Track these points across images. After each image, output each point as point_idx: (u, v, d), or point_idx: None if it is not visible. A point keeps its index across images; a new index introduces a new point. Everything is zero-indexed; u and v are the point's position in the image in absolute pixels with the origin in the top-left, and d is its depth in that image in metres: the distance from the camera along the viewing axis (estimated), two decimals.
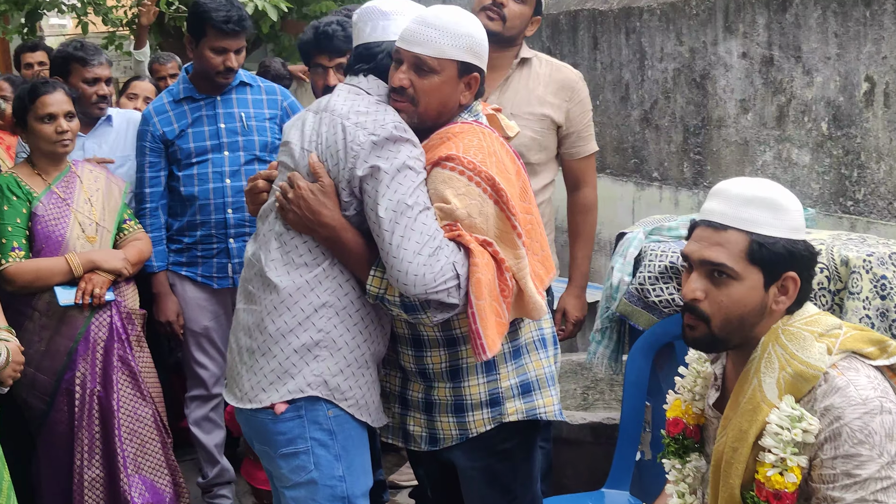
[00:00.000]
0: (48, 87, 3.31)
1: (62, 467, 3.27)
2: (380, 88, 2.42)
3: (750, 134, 4.04)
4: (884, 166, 3.44)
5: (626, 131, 4.85)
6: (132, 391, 3.31)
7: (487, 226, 2.28)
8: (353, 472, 2.42)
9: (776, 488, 1.87)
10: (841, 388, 1.85)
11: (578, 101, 3.35)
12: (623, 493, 3.08)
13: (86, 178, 3.39)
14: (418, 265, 2.20)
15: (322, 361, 2.36)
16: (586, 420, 3.56)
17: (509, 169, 2.36)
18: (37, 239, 3.24)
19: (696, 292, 1.95)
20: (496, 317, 2.28)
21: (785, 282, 1.93)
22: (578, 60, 5.12)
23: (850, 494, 1.82)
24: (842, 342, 1.91)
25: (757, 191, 1.93)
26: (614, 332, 3.30)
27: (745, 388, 1.96)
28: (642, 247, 3.15)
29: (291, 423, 2.38)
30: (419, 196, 2.26)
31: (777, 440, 1.87)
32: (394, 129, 2.28)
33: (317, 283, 2.37)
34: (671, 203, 4.56)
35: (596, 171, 3.51)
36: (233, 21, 3.46)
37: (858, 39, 3.49)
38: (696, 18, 4.29)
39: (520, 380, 2.46)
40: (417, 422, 2.50)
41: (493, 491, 2.51)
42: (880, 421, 1.82)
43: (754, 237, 1.91)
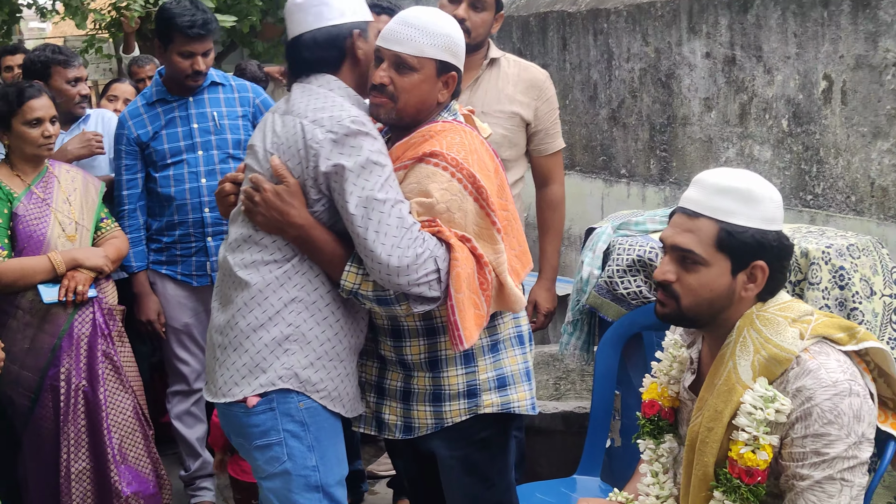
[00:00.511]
0: (34, 91, 3.28)
1: (48, 462, 3.25)
2: (330, 83, 2.40)
3: (714, 131, 4.08)
4: (842, 161, 3.48)
5: (594, 129, 4.87)
6: (116, 384, 3.31)
7: (466, 221, 2.29)
8: (327, 461, 2.41)
9: (748, 465, 1.90)
10: (812, 371, 1.89)
11: (546, 99, 3.37)
12: (594, 478, 3.09)
13: (63, 178, 3.38)
14: (399, 258, 2.20)
15: (292, 355, 2.36)
16: (558, 409, 3.58)
17: (489, 166, 2.37)
18: (19, 239, 3.21)
19: (667, 274, 2.00)
20: (475, 308, 2.29)
21: (753, 270, 1.95)
22: (548, 61, 5.13)
23: (818, 472, 1.85)
24: (813, 328, 1.95)
25: (732, 181, 1.96)
26: (585, 323, 3.32)
27: (721, 370, 1.99)
28: (611, 241, 3.17)
29: (264, 415, 2.38)
30: (389, 190, 2.25)
31: (750, 419, 1.90)
32: (351, 124, 2.26)
33: (286, 279, 2.37)
34: (639, 198, 4.59)
35: (563, 168, 3.53)
36: (197, 25, 3.44)
37: (817, 39, 3.53)
38: (661, 20, 4.32)
39: (496, 373, 2.47)
40: (393, 411, 2.50)
41: (471, 479, 2.52)
42: (849, 403, 1.85)
43: (723, 226, 1.94)
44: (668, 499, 2.19)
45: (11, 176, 3.29)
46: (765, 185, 1.98)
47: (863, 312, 2.72)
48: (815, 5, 3.52)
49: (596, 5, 4.78)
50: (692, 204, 2.00)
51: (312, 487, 2.40)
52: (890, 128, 3.29)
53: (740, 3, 3.85)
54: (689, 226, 1.98)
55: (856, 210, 3.44)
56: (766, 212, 1.95)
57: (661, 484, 2.20)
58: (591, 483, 3.07)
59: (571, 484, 3.10)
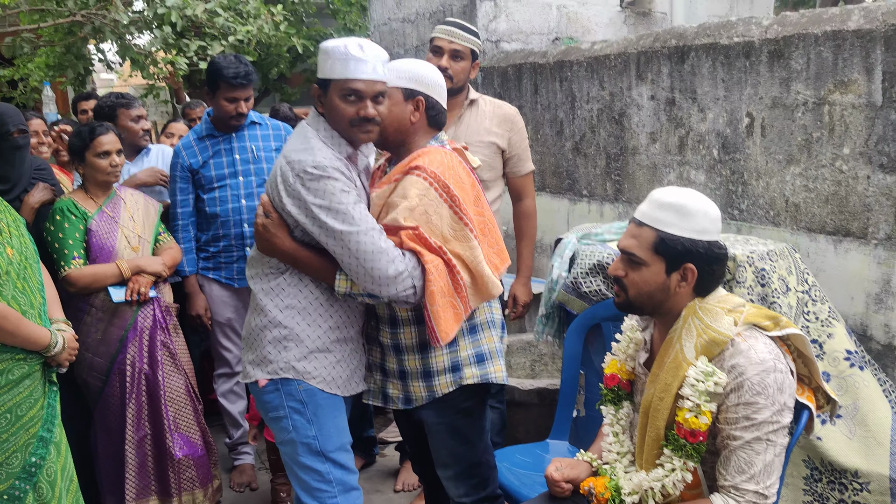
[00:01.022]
0: (103, 129, 3.28)
1: (115, 432, 3.24)
2: (318, 123, 2.37)
3: (658, 159, 4.08)
4: (762, 183, 3.48)
5: (561, 158, 4.87)
6: (171, 367, 3.30)
7: (441, 223, 2.29)
8: (325, 431, 2.43)
9: (692, 427, 1.92)
10: (744, 352, 1.90)
11: (517, 130, 3.39)
12: (563, 442, 3.09)
13: (128, 199, 3.37)
14: (380, 276, 2.22)
15: (289, 351, 2.39)
16: (534, 386, 3.57)
17: (464, 181, 2.38)
18: (92, 250, 3.21)
19: (617, 271, 2.05)
20: (453, 310, 2.32)
21: (685, 271, 1.97)
22: (523, 103, 5.13)
23: (748, 433, 1.87)
24: (745, 316, 1.96)
25: (673, 198, 1.97)
26: (555, 316, 3.31)
27: (670, 351, 2.00)
28: (576, 249, 3.17)
29: (272, 395, 2.42)
30: (358, 219, 2.23)
31: (693, 390, 1.91)
32: (313, 170, 2.23)
33: (280, 290, 2.39)
34: (598, 214, 4.59)
35: (534, 186, 3.54)
36: (241, 76, 3.46)
37: (741, 84, 3.53)
38: (614, 69, 4.32)
39: (475, 351, 2.47)
40: (395, 386, 2.50)
41: (455, 441, 2.52)
42: (773, 377, 1.87)
43: (660, 234, 1.96)
44: (626, 454, 2.19)
45: (86, 198, 3.29)
46: (702, 203, 1.98)
47: (780, 306, 2.72)
48: (738, 56, 3.52)
49: (561, 57, 4.78)
50: (640, 215, 2.02)
51: (314, 452, 2.42)
52: (800, 155, 3.29)
53: (678, 55, 3.86)
54: (635, 233, 2.02)
55: (773, 222, 3.44)
56: (698, 224, 1.96)
57: (620, 442, 2.21)
58: (560, 446, 3.07)
59: (545, 447, 3.09)
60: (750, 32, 3.49)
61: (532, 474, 2.83)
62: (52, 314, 2.81)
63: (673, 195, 1.98)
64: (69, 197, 3.31)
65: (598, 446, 2.32)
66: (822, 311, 2.79)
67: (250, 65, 3.57)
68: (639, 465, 2.10)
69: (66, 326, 2.82)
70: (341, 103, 2.29)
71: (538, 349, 4.21)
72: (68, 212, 3.21)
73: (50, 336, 2.65)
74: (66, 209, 3.21)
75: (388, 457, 4.13)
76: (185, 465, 3.28)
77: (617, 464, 2.17)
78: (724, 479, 1.91)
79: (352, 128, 2.31)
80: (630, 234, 2.03)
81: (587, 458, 2.27)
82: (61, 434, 2.75)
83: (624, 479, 2.09)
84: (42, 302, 2.73)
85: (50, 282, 2.90)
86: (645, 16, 5.96)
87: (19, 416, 2.57)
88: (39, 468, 2.61)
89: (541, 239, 5.04)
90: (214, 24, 6.51)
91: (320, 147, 2.30)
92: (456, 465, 2.54)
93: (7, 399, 2.54)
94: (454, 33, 3.22)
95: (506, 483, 2.72)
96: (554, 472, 2.19)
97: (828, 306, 2.81)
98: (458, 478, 2.55)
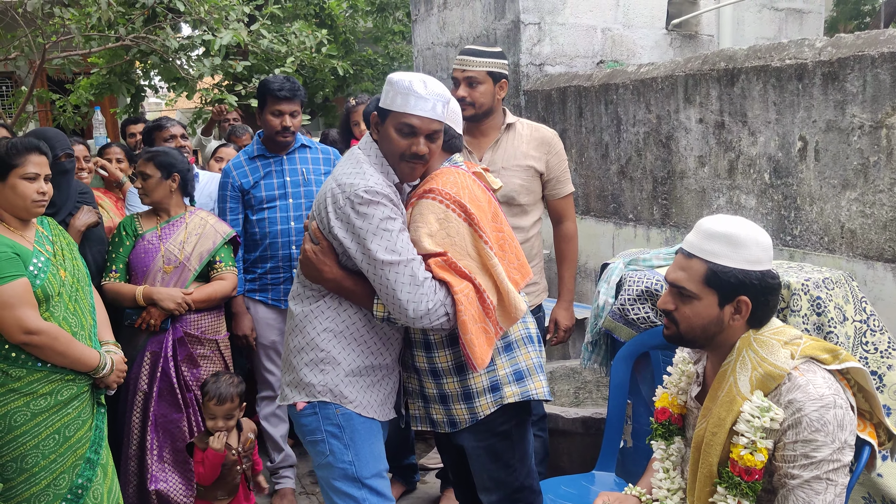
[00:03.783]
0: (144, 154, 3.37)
1: (117, 441, 3.28)
2: (370, 149, 2.39)
3: (706, 183, 4.02)
4: (815, 208, 3.41)
5: (606, 182, 4.83)
6: (168, 397, 3.29)
7: (464, 242, 2.30)
8: (361, 457, 2.41)
9: (747, 465, 1.86)
10: (801, 386, 1.84)
11: (555, 153, 3.35)
12: (610, 474, 3.02)
13: (192, 223, 3.41)
14: (414, 310, 2.22)
15: (326, 374, 2.38)
16: (578, 415, 3.52)
17: (480, 198, 2.39)
18: (131, 265, 3.32)
19: (667, 304, 1.99)
20: (485, 334, 2.31)
21: (738, 303, 1.91)
22: (567, 126, 5.12)
23: (807, 472, 1.80)
24: (802, 349, 1.90)
25: (722, 228, 1.92)
26: (602, 343, 3.26)
27: (723, 384, 1.95)
28: (622, 275, 3.12)
29: (310, 418, 2.42)
30: (400, 251, 2.22)
31: (749, 426, 1.85)
32: (364, 194, 2.24)
33: (319, 312, 2.39)
34: (644, 239, 4.53)
35: (578, 211, 3.50)
36: (286, 90, 3.54)
37: (793, 107, 3.47)
38: (661, 92, 4.28)
39: (513, 369, 2.46)
40: (437, 411, 2.49)
41: (496, 465, 2.49)
42: (833, 414, 1.80)
43: (711, 266, 1.91)
44: (677, 491, 2.13)
45: (151, 217, 3.41)
46: (752, 232, 1.93)
47: (837, 335, 2.64)
48: (791, 78, 3.46)
49: (607, 80, 4.75)
50: (688, 246, 1.97)
51: (350, 478, 2.41)
52: (856, 180, 3.21)
53: (728, 77, 3.81)
54: (684, 265, 1.96)
55: (828, 249, 3.36)
56: (749, 255, 1.90)
57: (671, 479, 2.15)
58: (607, 477, 3.01)
59: (590, 478, 3.03)
60: (803, 54, 3.43)
61: None
62: (102, 336, 2.86)
63: (722, 224, 1.93)
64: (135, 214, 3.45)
65: (648, 481, 2.27)
66: (881, 341, 2.70)
67: (298, 83, 3.62)
68: (690, 503, 2.04)
69: (115, 348, 2.86)
70: (396, 136, 2.31)
71: (582, 376, 4.15)
72: (123, 228, 3.35)
73: (99, 358, 2.69)
74: (123, 225, 3.37)
75: (428, 483, 4.09)
76: (162, 498, 3.22)
77: (668, 501, 2.11)
78: None
79: (401, 162, 2.34)
80: (679, 267, 1.97)
81: (636, 493, 2.21)
82: (108, 456, 2.78)
83: None
84: (92, 324, 2.78)
85: (101, 304, 2.95)
86: (691, 38, 5.92)
87: (67, 437, 2.60)
88: (86, 490, 2.64)
89: (585, 264, 4.99)
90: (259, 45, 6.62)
91: (372, 172, 2.31)
92: (498, 490, 2.51)
93: (55, 420, 2.58)
94: (465, 61, 3.21)
95: None
96: None
97: (887, 336, 2.72)
98: (500, 503, 2.51)
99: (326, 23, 10.45)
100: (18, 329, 2.46)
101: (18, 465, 2.51)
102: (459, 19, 6.19)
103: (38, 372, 2.55)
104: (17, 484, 2.51)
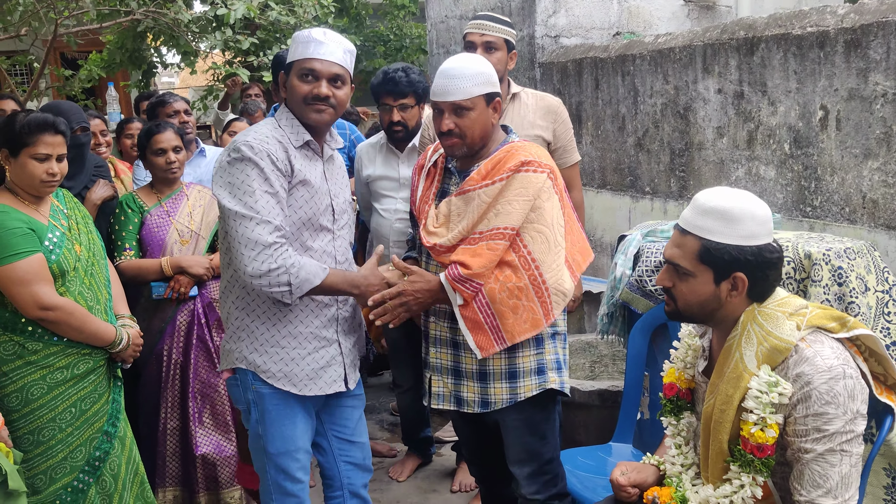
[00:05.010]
0: (160, 127, 3.34)
1: (150, 419, 3.29)
2: (281, 113, 2.41)
3: (725, 154, 3.97)
4: (836, 179, 3.36)
5: (622, 154, 4.79)
6: (205, 363, 3.31)
7: (554, 213, 2.34)
8: (269, 434, 2.42)
9: (758, 442, 1.83)
10: (809, 359, 1.80)
11: (561, 121, 3.32)
12: (627, 445, 3.03)
13: (193, 196, 3.41)
14: (253, 269, 2.24)
15: (242, 342, 2.40)
16: (595, 388, 3.51)
17: None
18: (143, 242, 3.30)
19: (664, 281, 1.97)
20: (531, 313, 2.33)
21: (734, 280, 1.87)
22: (583, 98, 5.06)
23: (820, 446, 1.77)
24: (808, 319, 1.86)
25: (716, 203, 1.87)
26: (618, 315, 3.25)
27: (729, 359, 1.91)
28: (640, 246, 3.10)
29: (235, 387, 2.47)
30: (260, 208, 2.23)
31: (757, 402, 1.82)
32: (242, 146, 2.26)
33: (233, 282, 2.40)
34: (661, 212, 4.49)
35: (592, 183, 3.47)
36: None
37: (814, 76, 3.41)
38: (679, 62, 4.23)
39: (554, 357, 2.48)
40: (471, 389, 2.47)
41: (534, 437, 2.51)
42: (843, 385, 1.77)
43: (704, 242, 1.87)
44: (690, 466, 2.12)
45: (150, 194, 3.37)
46: (748, 205, 1.87)
47: (859, 306, 2.61)
48: (812, 46, 3.40)
49: (624, 51, 4.69)
50: (683, 222, 1.93)
51: (262, 450, 2.45)
52: (879, 149, 3.16)
53: (747, 46, 3.75)
54: (679, 241, 1.92)
55: (849, 220, 3.31)
56: (744, 229, 1.85)
57: (684, 454, 2.14)
58: (624, 449, 3.01)
59: (608, 449, 3.04)
60: (824, 22, 3.36)
61: (595, 477, 2.78)
62: (118, 310, 2.86)
63: (716, 199, 1.87)
64: (133, 192, 3.39)
65: (664, 452, 2.25)
66: None
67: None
68: (704, 479, 2.02)
69: (131, 322, 2.87)
70: (298, 82, 2.33)
71: (598, 350, 4.14)
72: (126, 205, 3.31)
73: (115, 332, 2.70)
74: (125, 203, 3.32)
75: (444, 456, 4.11)
76: (208, 462, 3.27)
77: (683, 475, 2.10)
78: (799, 495, 1.81)
79: (305, 105, 2.33)
80: (674, 243, 1.93)
81: (654, 462, 2.20)
82: (126, 428, 2.80)
83: (690, 492, 2.01)
84: (108, 298, 2.78)
85: (116, 278, 2.96)
86: (709, 9, 5.82)
87: (84, 411, 2.62)
88: (103, 462, 2.66)
89: (601, 238, 4.96)
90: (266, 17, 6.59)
91: (265, 132, 2.31)
92: (532, 462, 2.52)
93: (72, 393, 2.60)
94: (484, 25, 3.18)
95: (568, 486, 2.67)
96: (620, 476, 2.13)
97: None
98: (532, 475, 2.52)
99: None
100: (34, 305, 2.47)
101: (35, 438, 2.53)
102: None
103: (54, 346, 2.56)
104: (34, 456, 2.53)
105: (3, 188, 2.60)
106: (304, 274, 2.24)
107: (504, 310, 2.30)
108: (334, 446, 2.58)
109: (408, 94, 3.43)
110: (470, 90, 2.32)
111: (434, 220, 2.44)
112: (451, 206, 2.40)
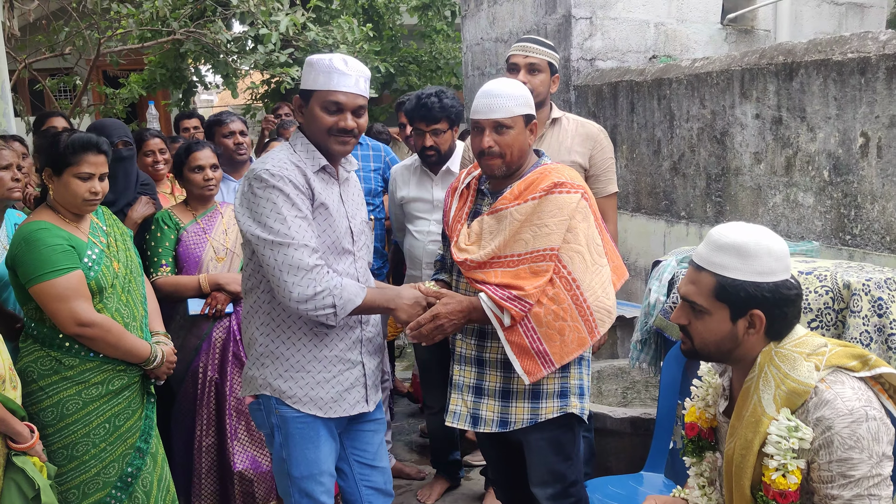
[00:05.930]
0: (198, 146, 3.39)
1: (186, 436, 3.31)
2: (296, 139, 2.42)
3: (762, 180, 3.92)
4: (877, 207, 3.30)
5: (658, 179, 4.76)
6: (241, 380, 3.33)
7: (590, 231, 2.36)
8: (293, 458, 2.42)
9: (781, 489, 1.77)
10: (829, 402, 1.73)
11: (600, 149, 3.28)
12: (658, 475, 2.98)
13: (227, 214, 3.45)
14: (299, 294, 2.26)
15: (266, 368, 2.40)
16: (627, 415, 3.47)
17: None
18: (180, 259, 3.33)
19: (680, 319, 1.90)
20: (577, 333, 2.35)
21: (752, 317, 1.81)
22: (618, 121, 5.05)
23: (847, 492, 1.71)
24: (827, 359, 1.79)
25: (731, 238, 1.81)
26: (652, 342, 3.21)
27: (747, 403, 1.85)
28: (675, 272, 3.07)
29: (258, 412, 2.47)
30: (293, 233, 2.25)
31: (778, 448, 1.76)
32: (264, 174, 2.26)
33: (258, 307, 2.41)
34: (696, 237, 4.45)
35: (626, 207, 3.43)
36: None
37: (855, 102, 3.37)
38: (716, 86, 4.20)
39: (578, 382, 2.47)
40: (490, 408, 2.47)
41: (557, 457, 2.49)
42: (866, 427, 1.70)
43: (720, 279, 1.81)
44: None
45: (185, 211, 3.41)
46: (764, 241, 1.81)
47: None
48: (853, 73, 3.36)
49: (660, 75, 4.68)
50: (697, 258, 1.87)
51: (286, 474, 2.44)
52: None
53: (786, 72, 3.71)
54: (694, 278, 1.87)
55: (890, 249, 3.25)
56: (761, 265, 1.79)
57: (708, 496, 2.08)
58: (655, 479, 2.96)
59: (639, 479, 2.99)
60: (866, 48, 3.32)
61: None
62: (153, 327, 2.90)
63: (731, 234, 1.82)
64: (168, 209, 3.43)
65: None
66: None
67: None
68: None
69: (165, 339, 2.90)
70: (322, 114, 2.32)
71: (630, 376, 4.09)
72: (162, 222, 3.36)
73: (150, 349, 2.72)
74: (161, 220, 3.36)
75: (472, 480, 4.08)
76: (245, 479, 3.27)
77: None
78: None
79: (329, 136, 2.33)
80: (689, 280, 1.88)
81: (685, 496, 2.16)
82: (158, 445, 2.82)
83: None
84: (144, 315, 2.82)
85: (152, 295, 3.00)
86: (747, 33, 5.79)
87: (118, 427, 2.65)
88: (136, 478, 2.68)
89: (635, 262, 4.92)
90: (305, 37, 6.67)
91: (283, 157, 2.33)
92: (555, 483, 2.50)
93: (106, 409, 2.63)
94: (528, 48, 3.19)
95: None
96: None
97: None
98: (555, 497, 2.51)
99: (373, 18, 10.49)
100: (72, 321, 2.51)
101: (69, 453, 2.56)
102: (509, 14, 6.15)
103: (90, 362, 2.60)
104: (68, 471, 2.56)
105: (45, 206, 2.65)
106: (346, 294, 2.26)
107: (551, 332, 2.32)
108: (356, 471, 2.57)
109: (440, 119, 3.45)
110: (512, 109, 2.37)
111: (466, 238, 2.47)
112: (484, 225, 2.43)
